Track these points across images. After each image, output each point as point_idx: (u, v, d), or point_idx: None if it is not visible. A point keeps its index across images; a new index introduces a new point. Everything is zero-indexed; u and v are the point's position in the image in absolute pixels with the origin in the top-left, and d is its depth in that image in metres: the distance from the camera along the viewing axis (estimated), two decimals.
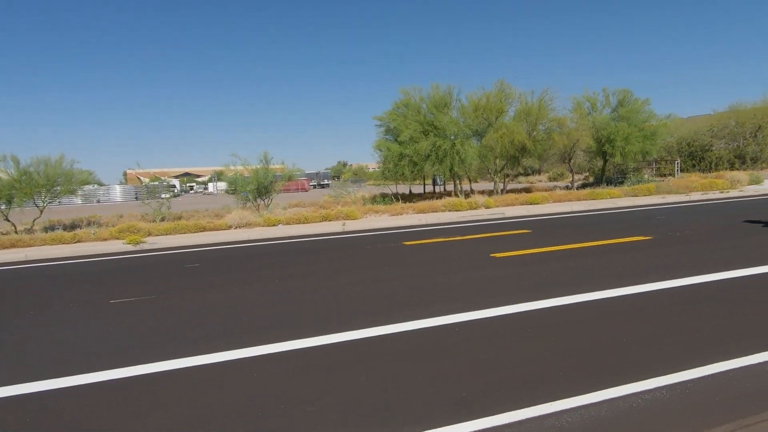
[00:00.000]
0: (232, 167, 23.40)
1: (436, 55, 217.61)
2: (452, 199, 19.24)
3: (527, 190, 25.56)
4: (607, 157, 27.29)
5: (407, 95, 24.65)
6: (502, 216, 16.85)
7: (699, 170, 33.40)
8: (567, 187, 27.08)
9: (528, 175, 53.42)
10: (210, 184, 73.91)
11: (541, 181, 46.79)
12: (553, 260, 8.74)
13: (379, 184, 30.23)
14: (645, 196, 20.48)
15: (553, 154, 27.53)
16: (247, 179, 21.80)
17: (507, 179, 28.99)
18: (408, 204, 20.17)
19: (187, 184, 78.90)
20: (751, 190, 20.80)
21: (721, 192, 20.56)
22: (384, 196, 24.73)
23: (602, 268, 7.91)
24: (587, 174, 36.10)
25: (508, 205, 19.28)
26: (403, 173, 23.51)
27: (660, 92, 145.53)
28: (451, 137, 22.86)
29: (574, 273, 7.62)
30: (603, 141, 26.05)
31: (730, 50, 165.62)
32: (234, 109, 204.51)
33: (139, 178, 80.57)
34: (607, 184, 25.60)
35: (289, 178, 25.12)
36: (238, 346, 5.11)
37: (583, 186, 27.42)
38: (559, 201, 19.75)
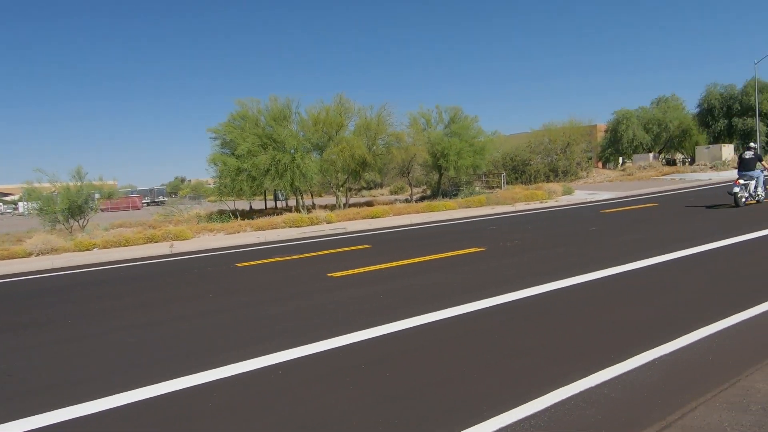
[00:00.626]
0: (37, 184, 20.27)
1: (273, 68, 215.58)
2: (293, 215, 18.47)
3: (369, 204, 25.64)
4: (442, 171, 28.55)
5: (244, 107, 23.49)
6: (343, 231, 16.47)
7: (521, 182, 36.47)
8: (407, 200, 27.78)
9: (370, 189, 54.50)
10: (20, 204, 64.61)
11: (383, 194, 47.88)
12: (391, 278, 8.40)
13: (217, 201, 28.43)
14: (477, 207, 21.58)
15: (392, 168, 28.17)
16: (55, 197, 18.97)
17: (349, 193, 28.97)
18: (247, 221, 18.96)
19: None
20: (565, 200, 23.00)
21: (541, 202, 22.43)
22: (221, 213, 23.15)
23: (441, 284, 7.71)
24: (425, 187, 37.63)
25: (350, 219, 19.01)
26: (241, 189, 22.23)
27: (486, 110, 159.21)
28: (291, 151, 22.15)
29: (412, 292, 7.30)
30: (438, 155, 27.18)
31: (543, 75, 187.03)
32: (65, 126, 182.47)
33: None
34: (443, 197, 26.71)
35: (110, 196, 22.46)
36: None
37: (422, 199, 28.35)
38: (400, 214, 19.97)
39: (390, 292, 7.34)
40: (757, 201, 16.32)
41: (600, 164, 52.47)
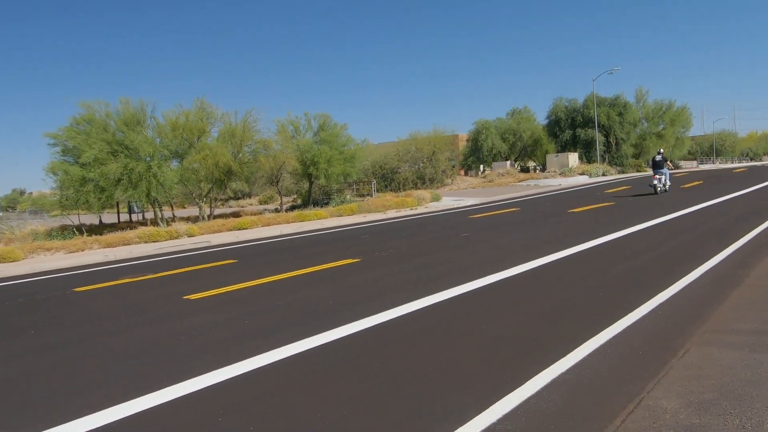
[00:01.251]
0: None
1: (123, 71, 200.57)
2: (148, 229, 16.72)
3: (236, 215, 24.19)
4: (313, 180, 27.91)
5: (90, 110, 20.96)
6: (207, 245, 15.16)
7: (391, 190, 36.93)
8: (276, 210, 26.71)
9: (238, 198, 52.24)
10: None
11: (251, 204, 45.99)
12: (258, 297, 7.59)
13: (60, 215, 25.16)
14: (349, 215, 21.23)
15: (261, 176, 26.94)
16: None
17: (215, 204, 27.25)
18: (94, 237, 16.79)
19: None
20: (434, 207, 23.48)
21: (412, 209, 22.66)
22: (64, 228, 20.42)
23: (312, 303, 7.07)
24: (296, 196, 36.72)
25: (214, 232, 17.64)
26: (87, 201, 19.77)
27: (355, 119, 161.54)
28: (147, 159, 20.15)
29: (280, 314, 6.56)
30: (308, 163, 26.50)
31: (409, 84, 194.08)
32: None
33: None
34: (314, 206, 26.05)
35: None
36: None
37: (292, 208, 27.43)
38: (269, 224, 18.98)
39: (254, 314, 6.55)
40: (665, 191, 21.46)
41: (462, 172, 55.11)
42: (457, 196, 29.88)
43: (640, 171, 47.47)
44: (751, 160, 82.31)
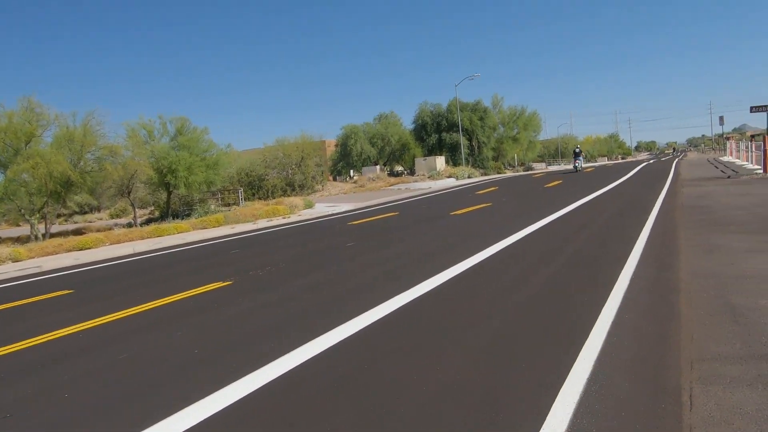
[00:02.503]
0: None
1: None
2: None
3: (79, 232, 20.92)
4: (171, 189, 25.21)
5: None
6: (37, 271, 12.47)
7: (259, 198, 34.87)
8: (130, 225, 23.63)
9: (85, 213, 46.71)
10: None
11: (101, 219, 41.15)
12: (91, 349, 5.75)
13: None
14: (215, 227, 19.15)
15: (109, 187, 23.65)
16: None
17: (53, 221, 23.45)
18: None
19: None
20: (308, 214, 22.15)
21: (285, 217, 21.11)
22: None
23: (164, 356, 5.47)
24: (152, 209, 33.23)
25: (48, 254, 14.74)
26: None
27: (217, 124, 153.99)
28: None
29: (116, 380, 4.88)
30: (165, 171, 23.84)
31: (274, 89, 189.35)
32: None
33: None
34: (173, 218, 23.41)
35: None
36: None
37: (148, 222, 24.50)
38: (119, 242, 16.38)
39: (81, 379, 4.81)
40: (582, 169, 37.41)
41: (331, 178, 54.28)
42: (331, 202, 28.79)
43: (500, 173, 50.06)
44: (588, 161, 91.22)
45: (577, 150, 41.22)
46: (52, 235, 19.59)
